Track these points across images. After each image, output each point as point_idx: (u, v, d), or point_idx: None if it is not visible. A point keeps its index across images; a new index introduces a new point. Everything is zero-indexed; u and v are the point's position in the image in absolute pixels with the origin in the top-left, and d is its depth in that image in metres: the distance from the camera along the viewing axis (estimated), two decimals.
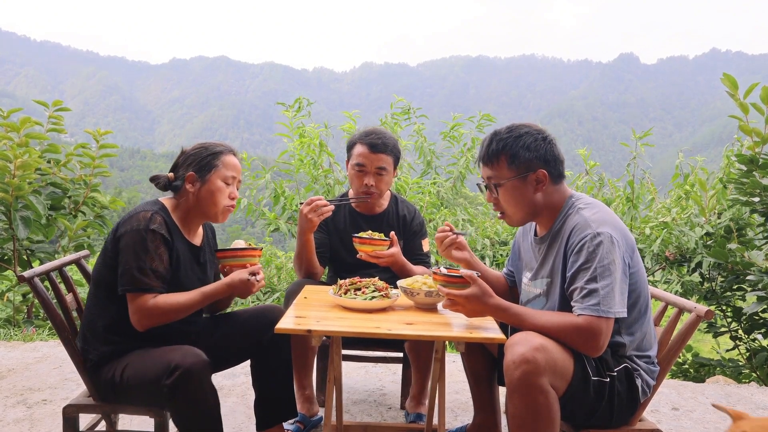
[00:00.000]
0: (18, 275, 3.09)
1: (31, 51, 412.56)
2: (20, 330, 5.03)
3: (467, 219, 6.63)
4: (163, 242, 2.24)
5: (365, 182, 3.05)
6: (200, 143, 2.47)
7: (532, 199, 2.25)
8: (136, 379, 2.17)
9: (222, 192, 2.38)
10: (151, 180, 2.46)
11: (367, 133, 3.07)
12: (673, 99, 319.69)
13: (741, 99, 4.44)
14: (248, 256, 2.40)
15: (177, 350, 2.15)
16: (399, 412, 3.34)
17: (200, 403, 2.13)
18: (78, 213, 5.37)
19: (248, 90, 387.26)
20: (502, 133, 2.25)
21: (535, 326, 2.07)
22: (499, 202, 2.30)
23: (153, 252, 2.20)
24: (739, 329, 4.92)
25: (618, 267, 2.05)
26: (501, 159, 2.23)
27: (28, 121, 5.04)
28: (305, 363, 3.01)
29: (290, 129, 6.31)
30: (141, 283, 2.17)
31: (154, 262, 2.20)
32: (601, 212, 2.17)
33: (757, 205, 4.36)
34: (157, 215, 2.26)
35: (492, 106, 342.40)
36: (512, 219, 2.33)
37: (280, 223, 6.06)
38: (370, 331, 2.06)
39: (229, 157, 2.44)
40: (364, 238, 2.80)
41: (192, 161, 2.39)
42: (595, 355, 2.05)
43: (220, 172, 2.39)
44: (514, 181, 2.22)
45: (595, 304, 2.00)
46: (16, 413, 3.21)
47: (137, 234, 2.20)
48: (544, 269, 2.30)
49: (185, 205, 2.41)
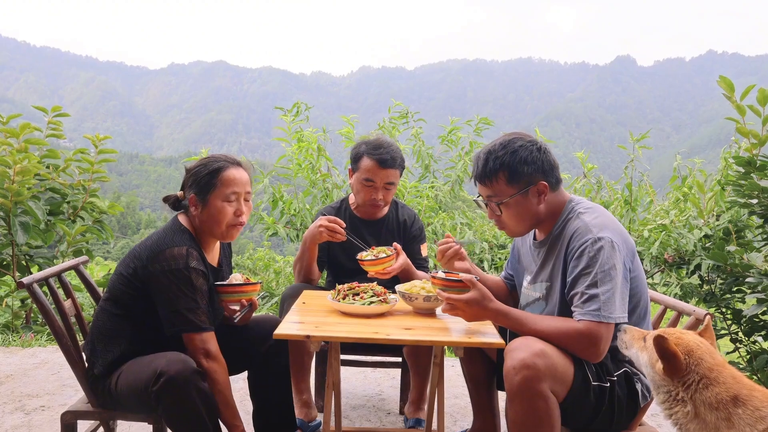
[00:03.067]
0: (17, 281, 3.09)
1: (30, 57, 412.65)
2: (19, 336, 5.02)
3: (465, 223, 6.62)
4: (203, 278, 2.24)
5: (373, 197, 3.05)
6: (202, 159, 2.40)
7: (535, 212, 2.24)
8: (128, 387, 2.16)
9: (223, 212, 2.30)
10: (164, 201, 2.44)
11: (375, 146, 3.02)
12: (671, 101, 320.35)
13: (738, 101, 4.44)
14: (246, 291, 2.39)
15: (162, 357, 2.13)
16: (398, 417, 3.34)
17: (188, 409, 2.10)
18: (77, 218, 5.36)
19: (246, 94, 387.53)
20: (497, 150, 2.21)
21: (535, 331, 2.06)
22: (500, 218, 2.27)
23: (199, 289, 2.20)
24: (739, 332, 4.91)
25: (619, 272, 2.04)
26: (500, 177, 2.20)
27: (28, 126, 5.04)
28: (302, 367, 3.01)
29: (288, 133, 6.31)
30: (195, 324, 2.18)
31: (204, 301, 2.21)
32: (602, 216, 2.17)
33: (755, 207, 4.36)
34: (192, 251, 2.23)
35: (490, 109, 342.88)
36: (515, 232, 2.32)
37: (279, 227, 6.05)
38: (368, 336, 2.06)
39: (229, 172, 2.33)
40: (371, 260, 2.76)
41: (193, 182, 2.34)
42: (595, 360, 2.05)
43: (219, 192, 2.30)
44: (516, 197, 2.20)
45: (596, 309, 2.00)
46: (14, 419, 3.20)
47: (180, 274, 2.17)
48: (544, 273, 2.30)
49: (197, 225, 2.37)
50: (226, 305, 2.41)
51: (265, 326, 2.50)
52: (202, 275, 2.22)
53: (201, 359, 2.17)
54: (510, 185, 2.20)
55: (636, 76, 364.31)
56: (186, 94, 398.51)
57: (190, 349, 2.18)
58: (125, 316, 2.27)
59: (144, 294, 2.23)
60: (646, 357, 1.82)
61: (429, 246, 5.62)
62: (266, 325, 2.51)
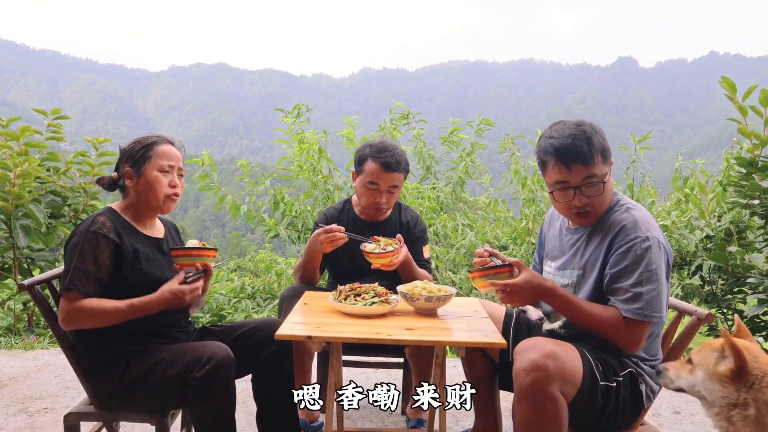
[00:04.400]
0: (18, 284, 3.09)
1: (30, 60, 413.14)
2: (21, 338, 5.02)
3: (467, 224, 6.62)
4: (106, 243, 2.23)
5: (377, 200, 3.06)
6: (136, 138, 2.47)
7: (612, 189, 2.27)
8: (151, 378, 2.17)
9: (159, 182, 2.36)
10: (97, 182, 2.50)
11: (379, 150, 3.02)
12: (672, 102, 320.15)
13: (740, 102, 4.44)
14: (202, 255, 2.36)
15: (208, 345, 2.18)
16: (400, 418, 3.34)
17: (225, 400, 2.15)
18: (78, 221, 5.37)
19: (247, 96, 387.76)
20: (585, 130, 2.17)
21: (583, 313, 2.12)
22: (592, 200, 2.21)
23: (89, 254, 2.20)
24: None
25: (663, 272, 2.09)
26: (597, 157, 2.16)
27: (28, 129, 5.04)
28: (303, 368, 3.01)
29: (289, 135, 6.31)
30: (72, 283, 2.16)
31: (87, 264, 2.19)
32: (648, 216, 2.19)
33: (756, 208, 4.36)
34: (100, 217, 2.27)
35: (491, 110, 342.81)
36: (599, 213, 2.26)
37: (280, 229, 6.06)
38: (370, 336, 2.06)
39: (164, 146, 2.42)
40: (378, 252, 2.77)
41: (128, 157, 2.40)
42: (632, 351, 2.12)
43: (154, 163, 2.37)
44: (609, 175, 2.22)
45: (639, 307, 2.04)
46: (17, 422, 3.20)
47: (78, 236, 2.23)
48: (577, 261, 2.29)
49: (132, 201, 2.41)
50: (179, 268, 2.37)
51: (268, 329, 2.49)
52: (103, 240, 2.22)
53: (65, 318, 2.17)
54: (605, 164, 2.20)
55: (638, 77, 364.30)
56: (187, 96, 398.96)
57: (59, 308, 2.18)
58: None
59: None
60: (702, 373, 1.84)
61: (431, 248, 5.63)
62: (269, 328, 2.50)
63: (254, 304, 6.25)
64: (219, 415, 2.17)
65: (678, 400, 3.70)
